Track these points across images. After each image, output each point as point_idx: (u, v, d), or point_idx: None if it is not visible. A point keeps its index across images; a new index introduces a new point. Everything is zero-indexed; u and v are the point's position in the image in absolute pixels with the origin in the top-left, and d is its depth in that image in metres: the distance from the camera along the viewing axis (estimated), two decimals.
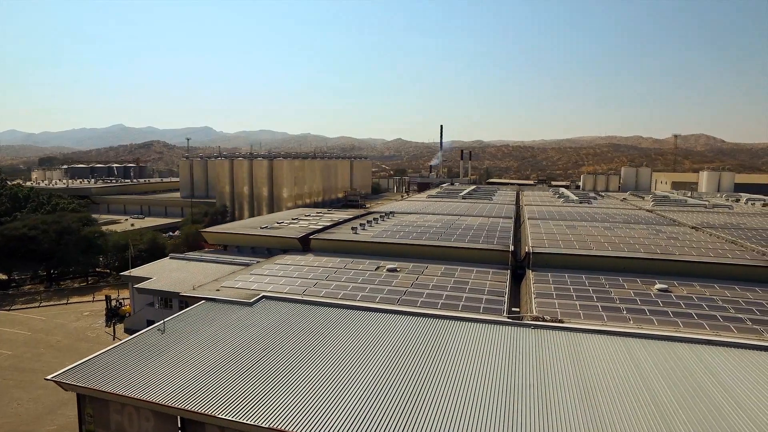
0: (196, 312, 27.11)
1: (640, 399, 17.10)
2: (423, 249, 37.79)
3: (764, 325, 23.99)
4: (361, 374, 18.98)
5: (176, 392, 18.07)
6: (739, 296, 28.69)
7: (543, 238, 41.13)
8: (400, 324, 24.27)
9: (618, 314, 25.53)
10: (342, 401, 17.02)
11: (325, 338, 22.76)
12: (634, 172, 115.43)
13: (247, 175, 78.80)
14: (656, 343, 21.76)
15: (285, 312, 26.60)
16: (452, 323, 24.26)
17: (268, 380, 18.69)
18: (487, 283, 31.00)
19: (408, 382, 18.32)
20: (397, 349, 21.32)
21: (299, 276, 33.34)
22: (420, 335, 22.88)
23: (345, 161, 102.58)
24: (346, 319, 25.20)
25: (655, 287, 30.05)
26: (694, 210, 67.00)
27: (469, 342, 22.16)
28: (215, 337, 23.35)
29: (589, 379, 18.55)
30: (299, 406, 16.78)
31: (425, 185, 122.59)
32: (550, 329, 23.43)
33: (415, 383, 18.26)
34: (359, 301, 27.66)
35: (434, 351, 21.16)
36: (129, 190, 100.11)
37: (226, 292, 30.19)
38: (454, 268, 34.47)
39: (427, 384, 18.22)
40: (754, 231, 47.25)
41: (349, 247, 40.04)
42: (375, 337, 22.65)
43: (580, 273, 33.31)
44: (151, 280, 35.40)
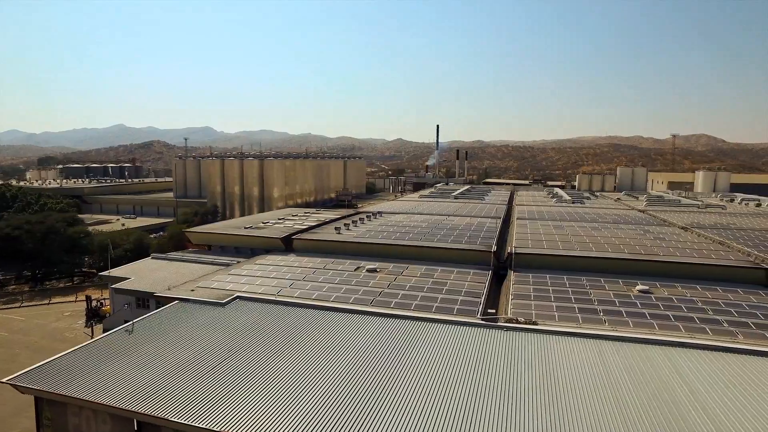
0: (167, 312, 26.79)
1: (604, 401, 16.80)
2: (404, 249, 37.44)
3: (740, 327, 23.59)
4: (322, 377, 18.65)
5: (134, 395, 17.76)
6: (720, 297, 28.29)
7: (527, 239, 40.74)
8: (370, 325, 23.92)
9: (594, 316, 25.14)
10: (299, 405, 16.70)
11: (292, 340, 22.43)
12: (629, 172, 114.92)
13: (237, 175, 78.52)
14: (628, 346, 21.38)
15: (256, 313, 26.28)
16: (423, 324, 23.90)
17: (227, 382, 18.37)
18: (465, 284, 30.62)
19: (369, 386, 17.97)
20: (363, 351, 20.97)
21: (277, 276, 33.00)
22: (388, 337, 22.51)
23: (338, 161, 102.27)
24: (316, 320, 24.86)
25: (636, 288, 29.66)
26: (686, 210, 66.56)
27: (438, 344, 21.80)
28: (182, 338, 23.03)
29: (556, 381, 18.22)
30: (254, 410, 16.47)
31: (420, 185, 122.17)
32: (522, 331, 23.06)
33: (377, 386, 17.91)
34: (332, 301, 27.31)
35: (401, 353, 20.80)
36: (122, 190, 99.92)
37: (200, 292, 29.85)
38: (434, 269, 34.10)
39: (389, 387, 17.86)
40: (743, 231, 46.82)
41: (332, 247, 39.71)
42: (342, 339, 22.31)
43: (561, 274, 32.91)
44: (129, 280, 35.08)
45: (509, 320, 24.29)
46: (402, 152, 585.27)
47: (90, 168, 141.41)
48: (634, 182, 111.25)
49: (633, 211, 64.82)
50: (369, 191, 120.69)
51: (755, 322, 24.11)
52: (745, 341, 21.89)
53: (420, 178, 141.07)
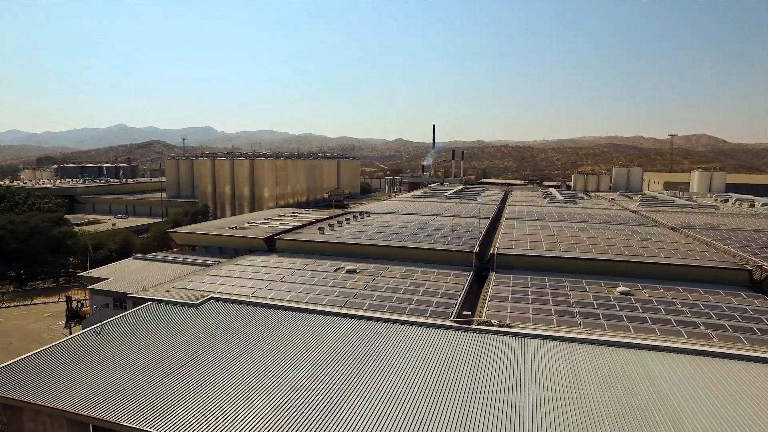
0: (139, 314, 26.46)
1: (569, 405, 16.45)
2: (385, 250, 37.05)
3: (717, 329, 23.16)
4: (281, 380, 18.31)
5: (90, 398, 17.45)
6: (701, 299, 27.86)
7: (512, 239, 40.34)
8: (339, 327, 23.54)
9: (570, 318, 24.72)
10: (252, 409, 16.38)
11: (259, 341, 22.09)
12: (625, 172, 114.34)
13: (228, 175, 78.20)
14: (600, 349, 20.97)
15: (228, 314, 25.93)
16: (393, 327, 23.52)
17: (185, 386, 18.03)
18: (444, 285, 30.21)
19: (329, 389, 17.61)
20: (328, 354, 20.61)
21: (254, 277, 32.63)
22: (356, 339, 22.14)
23: (331, 161, 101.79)
24: (286, 321, 24.51)
25: (617, 290, 29.24)
26: (679, 210, 66.07)
27: (406, 346, 21.42)
28: (149, 339, 22.70)
29: (521, 385, 17.85)
30: (206, 414, 16.15)
31: (416, 185, 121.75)
32: (494, 334, 22.66)
33: (337, 390, 17.54)
34: (305, 303, 26.93)
35: (367, 355, 20.43)
36: (115, 190, 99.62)
37: (175, 293, 29.50)
38: (414, 270, 33.70)
39: (350, 390, 17.50)
40: (732, 232, 46.35)
41: (314, 247, 39.36)
42: (309, 341, 21.95)
43: (543, 275, 32.50)
44: (106, 281, 34.74)
45: (483, 322, 23.90)
46: (402, 152, 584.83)
47: (85, 168, 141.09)
48: (630, 182, 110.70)
49: (625, 212, 64.35)
50: (363, 191, 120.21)
51: (732, 325, 23.69)
52: (719, 344, 21.48)
53: (416, 178, 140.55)
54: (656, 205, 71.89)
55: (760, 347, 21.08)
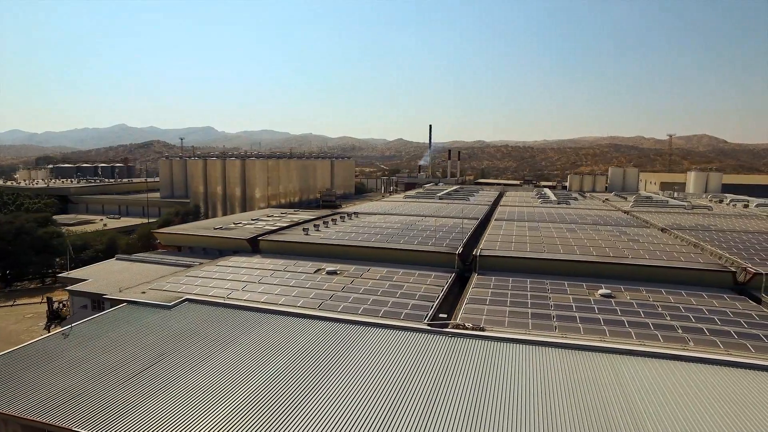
0: (111, 315, 26.14)
1: (532, 410, 16.12)
2: (368, 251, 36.69)
3: (694, 333, 22.77)
4: (244, 383, 18.00)
5: (46, 404, 17.11)
6: (682, 302, 27.45)
7: (497, 241, 39.95)
8: (310, 329, 23.21)
9: (546, 322, 24.33)
10: (212, 412, 16.07)
11: (228, 344, 21.77)
12: (621, 172, 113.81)
13: (220, 175, 77.90)
14: (573, 353, 20.60)
15: (200, 316, 25.60)
16: (364, 329, 23.17)
17: (145, 389, 17.71)
18: (423, 287, 29.82)
19: (290, 392, 17.27)
20: (294, 357, 20.28)
21: (233, 278, 32.28)
22: (325, 342, 21.80)
23: (325, 161, 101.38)
24: (257, 323, 24.19)
25: (598, 293, 28.84)
26: (672, 211, 65.60)
27: (375, 350, 21.05)
28: (117, 341, 22.39)
29: (486, 390, 17.50)
30: (163, 418, 15.82)
31: (412, 185, 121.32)
32: (466, 337, 22.30)
33: (299, 394, 17.21)
34: (279, 304, 26.58)
35: (334, 358, 20.09)
36: (109, 190, 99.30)
37: (151, 294, 29.17)
38: (396, 271, 33.31)
39: (312, 394, 17.15)
40: (722, 233, 45.90)
41: (297, 248, 39.03)
42: (277, 344, 21.64)
43: (525, 277, 32.10)
44: (85, 282, 34.44)
45: (456, 326, 23.53)
46: (402, 152, 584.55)
47: (80, 168, 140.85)
48: (626, 183, 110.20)
49: (617, 212, 63.92)
50: (358, 191, 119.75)
51: (710, 328, 23.29)
52: (694, 348, 21.09)
53: (412, 178, 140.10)
54: (649, 206, 71.43)
55: (734, 351, 20.70)
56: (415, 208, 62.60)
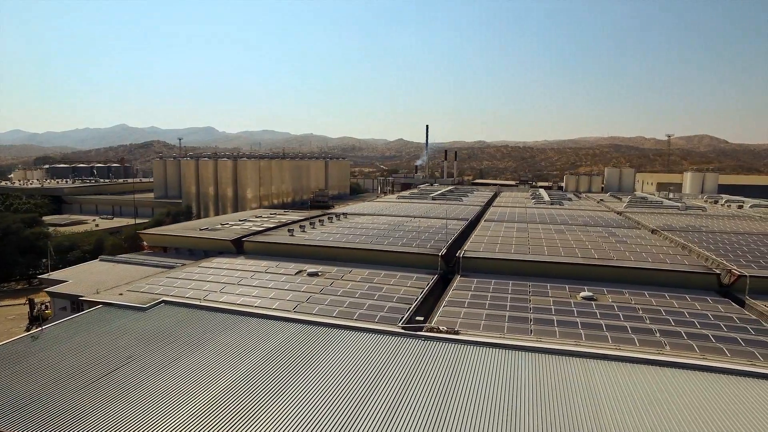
0: (84, 318, 25.85)
1: (496, 416, 15.79)
2: (351, 252, 36.37)
3: (672, 336, 22.41)
4: (207, 387, 17.67)
5: (1, 410, 16.79)
6: (664, 305, 27.10)
7: (483, 242, 39.60)
8: (283, 332, 22.91)
9: (522, 325, 23.98)
10: (171, 418, 15.74)
11: (197, 347, 21.48)
12: (617, 172, 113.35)
13: (212, 175, 77.69)
14: (545, 358, 20.25)
15: (175, 318, 25.31)
16: (336, 332, 22.84)
17: (106, 394, 17.40)
18: (402, 289, 29.50)
19: (254, 397, 16.95)
20: (264, 360, 19.97)
21: (213, 280, 31.99)
22: (295, 345, 21.50)
23: (319, 161, 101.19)
24: (230, 325, 23.88)
25: (580, 295, 28.50)
26: (665, 212, 65.19)
27: (344, 353, 20.72)
28: (86, 344, 22.09)
29: (453, 395, 17.16)
30: (118, 425, 15.50)
31: (408, 186, 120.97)
32: (439, 341, 21.96)
33: (262, 398, 16.89)
34: (255, 307, 26.28)
35: (302, 362, 19.76)
36: (103, 191, 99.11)
37: (128, 296, 28.91)
38: (377, 273, 32.99)
39: (275, 398, 16.83)
40: (713, 234, 45.48)
41: (281, 249, 38.75)
42: (247, 346, 21.34)
43: (508, 279, 31.75)
44: (64, 283, 34.19)
45: (431, 329, 23.19)
46: (403, 152, 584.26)
47: (76, 168, 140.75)
48: (622, 183, 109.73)
49: (610, 213, 63.53)
50: (354, 192, 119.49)
51: (688, 332, 22.94)
52: (671, 352, 20.74)
53: (408, 178, 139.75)
54: (643, 207, 71.02)
55: (710, 355, 20.35)
56: (406, 209, 62.26)
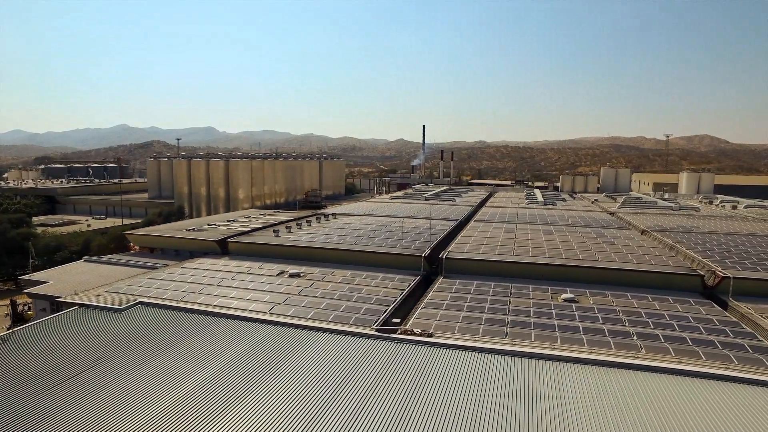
0: (57, 319, 25.59)
1: (462, 419, 15.53)
2: (335, 253, 36.11)
3: (648, 339, 22.10)
4: (172, 390, 17.42)
5: None
6: (646, 307, 26.80)
7: (469, 243, 39.32)
8: (255, 333, 22.66)
9: (498, 328, 23.69)
10: (134, 421, 15.50)
11: (168, 348, 21.26)
12: (613, 173, 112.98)
13: (204, 175, 77.52)
14: (516, 361, 19.96)
15: (149, 319, 25.08)
16: (308, 334, 22.58)
17: (69, 397, 17.18)
18: (382, 291, 29.21)
19: (217, 400, 16.70)
20: (232, 362, 19.71)
21: (194, 281, 31.72)
22: (266, 347, 21.26)
23: (313, 161, 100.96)
24: (203, 327, 23.63)
25: (561, 297, 28.20)
26: (658, 212, 64.85)
27: (314, 356, 20.45)
28: (56, 346, 21.85)
29: (419, 398, 16.89)
30: (74, 429, 15.27)
31: (404, 185, 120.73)
32: (410, 343, 21.68)
33: (225, 401, 16.62)
34: (231, 308, 26.00)
35: (270, 364, 19.52)
36: (97, 191, 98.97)
37: (105, 297, 28.65)
38: (359, 274, 32.72)
39: (237, 402, 16.57)
40: (702, 235, 45.12)
41: (265, 250, 38.51)
42: (217, 349, 21.09)
43: (490, 280, 31.48)
44: (44, 284, 33.98)
45: (405, 331, 22.90)
46: (403, 152, 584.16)
47: (72, 168, 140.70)
48: (618, 183, 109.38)
49: (602, 214, 63.22)
50: (349, 192, 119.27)
51: (665, 335, 22.63)
52: (645, 355, 20.44)
53: (405, 178, 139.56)
54: (636, 207, 70.69)
55: (684, 358, 20.05)
56: (397, 209, 61.97)
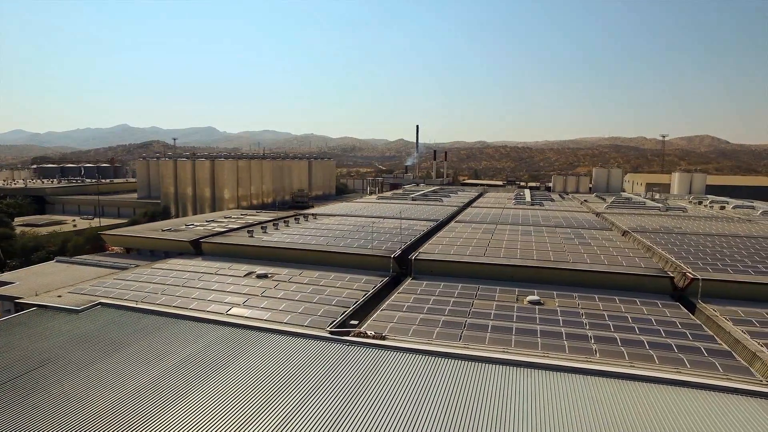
0: (12, 321, 25.33)
1: (395, 424, 15.18)
2: (305, 254, 35.80)
3: (605, 343, 21.73)
4: (110, 394, 17.11)
5: None
6: (611, 309, 26.44)
7: (442, 244, 38.96)
8: (206, 335, 22.36)
9: (453, 331, 23.32)
10: (62, 425, 15.18)
11: (117, 349, 21.04)
12: (605, 173, 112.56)
13: (190, 176, 77.26)
14: (463, 365, 19.61)
15: (106, 320, 24.81)
16: (260, 336, 22.27)
17: (15, 398, 16.91)
18: (345, 292, 28.88)
19: (149, 404, 16.36)
20: (176, 365, 19.39)
21: (160, 282, 31.40)
22: (215, 348, 20.94)
23: (302, 161, 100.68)
24: (157, 328, 23.39)
25: (527, 299, 27.86)
26: (645, 213, 64.41)
27: (262, 358, 20.13)
28: (3, 349, 21.56)
29: (356, 401, 16.55)
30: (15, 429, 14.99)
31: (396, 186, 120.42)
32: (361, 346, 21.34)
33: (158, 405, 16.28)
34: (189, 309, 25.69)
35: (216, 367, 19.19)
36: (87, 191, 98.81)
37: (67, 298, 28.33)
38: (327, 275, 32.40)
39: (171, 405, 16.24)
40: (683, 236, 44.68)
41: (238, 250, 38.22)
42: (165, 350, 20.82)
43: (458, 282, 31.16)
44: (10, 285, 33.67)
45: (358, 334, 22.57)
46: (402, 153, 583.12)
47: (65, 168, 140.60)
48: (610, 184, 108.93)
49: (588, 214, 62.86)
50: (340, 192, 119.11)
51: (624, 338, 22.27)
52: (598, 359, 20.08)
53: (398, 178, 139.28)
54: (624, 208, 70.29)
55: (639, 362, 19.66)
56: (381, 210, 61.60)
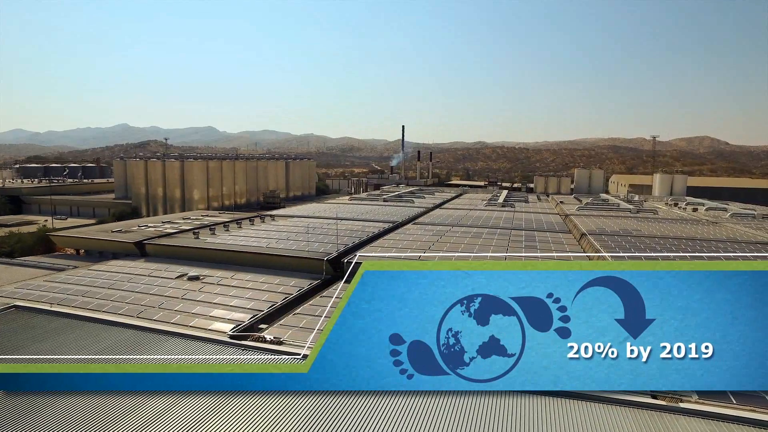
0: None
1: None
2: (240, 255, 35.70)
3: None
4: None
5: None
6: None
7: (384, 246, 38.83)
8: (106, 338, 22.09)
9: None
10: None
11: (9, 353, 20.76)
12: (587, 174, 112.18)
13: (160, 176, 77.35)
14: None
15: (15, 323, 24.43)
16: (159, 338, 22.03)
17: None
18: (266, 295, 28.76)
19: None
20: None
21: (88, 284, 31.29)
22: (110, 351, 20.75)
23: (279, 162, 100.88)
24: (59, 330, 23.08)
25: None
26: (613, 215, 64.07)
27: (153, 361, 19.95)
28: None
29: (226, 405, 16.33)
30: None
31: (379, 186, 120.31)
32: (255, 350, 21.14)
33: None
34: (103, 311, 25.63)
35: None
36: (65, 191, 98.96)
37: None
38: (259, 277, 32.26)
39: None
40: (635, 239, 44.42)
41: (180, 252, 38.15)
42: (59, 353, 20.59)
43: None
44: None
45: (257, 339, 22.38)
46: (401, 153, 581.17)
47: (48, 168, 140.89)
48: (592, 185, 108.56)
49: (555, 216, 62.73)
50: (321, 193, 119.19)
51: None
52: None
53: (383, 179, 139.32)
54: (594, 209, 69.96)
55: None
56: (346, 211, 61.42)
